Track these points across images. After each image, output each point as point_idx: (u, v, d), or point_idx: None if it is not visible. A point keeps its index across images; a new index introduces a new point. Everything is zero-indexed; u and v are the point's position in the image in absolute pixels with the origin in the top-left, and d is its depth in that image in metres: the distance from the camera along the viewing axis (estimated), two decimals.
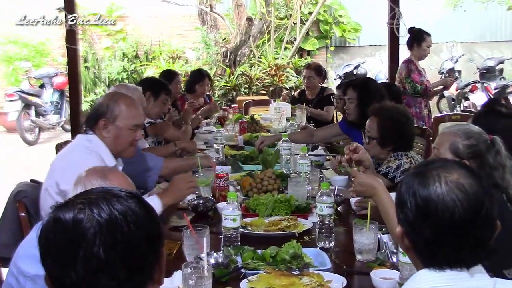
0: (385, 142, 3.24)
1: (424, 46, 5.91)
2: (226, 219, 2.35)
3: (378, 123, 3.27)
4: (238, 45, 10.69)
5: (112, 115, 2.75)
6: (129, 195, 1.23)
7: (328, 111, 6.18)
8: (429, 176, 1.40)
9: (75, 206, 1.19)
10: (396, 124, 3.20)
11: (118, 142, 2.78)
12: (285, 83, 10.73)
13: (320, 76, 6.30)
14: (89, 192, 1.25)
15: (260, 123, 5.42)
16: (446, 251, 1.36)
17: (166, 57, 11.50)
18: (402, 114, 3.26)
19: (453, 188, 1.37)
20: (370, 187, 2.30)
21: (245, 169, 3.83)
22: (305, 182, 3.12)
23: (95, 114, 2.78)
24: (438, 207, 1.36)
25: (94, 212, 1.17)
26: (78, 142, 2.79)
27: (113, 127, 2.76)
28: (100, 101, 2.83)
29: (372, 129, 3.30)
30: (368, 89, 3.97)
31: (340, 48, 12.69)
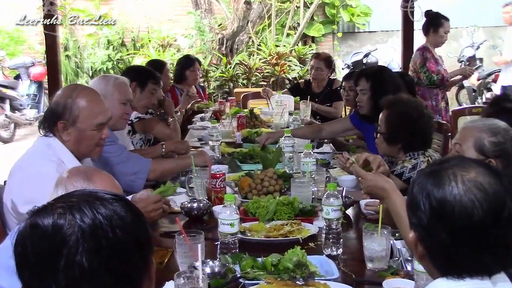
0: (392, 138, 3.25)
1: (441, 32, 5.91)
2: (223, 224, 2.36)
3: (387, 116, 3.28)
4: (236, 31, 10.69)
5: (71, 116, 2.67)
6: (114, 198, 1.23)
7: (337, 108, 6.17)
8: (444, 175, 1.40)
9: (55, 211, 1.19)
10: (405, 120, 3.20)
11: (81, 145, 2.71)
12: (287, 73, 10.74)
13: (329, 68, 6.31)
14: (70, 195, 1.25)
15: (260, 118, 5.43)
16: (465, 257, 1.36)
17: (155, 45, 11.50)
18: (415, 109, 3.26)
19: (471, 187, 1.36)
20: (380, 189, 2.31)
21: (244, 168, 3.84)
22: (310, 183, 3.12)
23: (51, 115, 2.70)
24: (455, 208, 1.36)
25: (76, 217, 1.17)
26: (36, 148, 2.73)
27: (74, 130, 2.68)
28: (57, 100, 2.72)
29: (381, 122, 3.31)
30: (382, 79, 3.99)
31: (348, 34, 12.70)
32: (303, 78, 9.75)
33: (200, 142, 4.89)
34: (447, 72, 5.98)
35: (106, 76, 3.55)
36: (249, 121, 5.25)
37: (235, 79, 10.58)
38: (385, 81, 3.97)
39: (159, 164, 3.48)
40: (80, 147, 2.71)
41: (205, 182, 3.17)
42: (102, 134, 2.77)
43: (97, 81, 3.48)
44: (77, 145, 2.70)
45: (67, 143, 2.69)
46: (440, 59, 6.02)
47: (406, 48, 6.28)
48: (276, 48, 11.22)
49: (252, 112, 5.48)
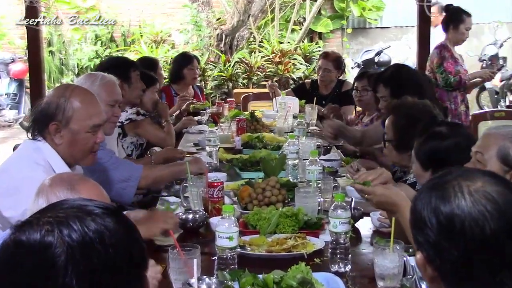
0: (402, 145, 3.27)
1: (462, 28, 5.93)
2: (220, 237, 2.37)
3: (393, 122, 3.30)
4: (235, 26, 10.72)
5: (64, 117, 2.69)
6: (106, 212, 1.23)
7: (346, 113, 6.18)
8: (449, 187, 1.40)
9: (42, 227, 1.18)
10: (413, 123, 3.21)
11: (75, 149, 2.74)
12: (292, 72, 10.75)
13: (338, 70, 6.31)
14: (58, 208, 1.24)
15: (261, 121, 5.44)
16: (481, 276, 1.35)
17: (148, 41, 11.52)
18: (423, 110, 3.28)
19: (479, 198, 1.36)
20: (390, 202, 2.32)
21: (244, 176, 3.85)
22: (316, 193, 3.14)
23: (42, 116, 2.71)
24: (465, 222, 1.35)
25: (64, 233, 1.17)
26: (23, 151, 2.75)
27: (67, 132, 2.71)
28: (48, 100, 2.74)
29: (389, 129, 3.34)
30: (400, 82, 4.03)
31: (358, 30, 12.72)
32: (309, 78, 9.77)
33: (196, 147, 4.90)
34: (466, 73, 5.98)
35: (91, 75, 3.53)
36: (250, 125, 5.27)
37: (234, 78, 10.59)
38: (404, 83, 4.01)
39: (151, 170, 3.50)
40: (73, 151, 2.73)
41: (201, 192, 3.18)
42: (97, 138, 2.79)
43: (82, 80, 3.46)
44: (69, 149, 2.72)
45: (59, 147, 2.71)
46: (460, 59, 6.03)
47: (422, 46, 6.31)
48: (280, 45, 11.24)
49: (253, 115, 5.49)
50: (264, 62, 10.89)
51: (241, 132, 5.07)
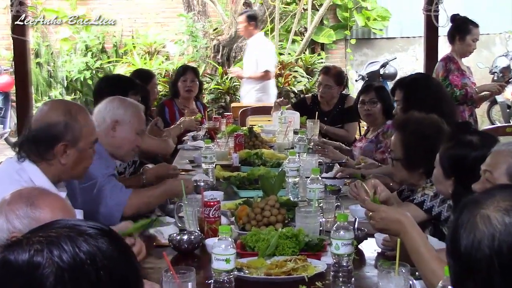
0: (411, 163, 3.29)
1: (468, 40, 5.97)
2: (217, 259, 2.38)
3: (401, 139, 3.32)
4: (233, 37, 10.76)
5: (73, 136, 2.77)
6: (99, 232, 1.24)
7: (349, 130, 6.19)
8: None
9: (31, 246, 1.19)
10: (422, 140, 3.24)
11: (78, 167, 2.82)
12: (293, 85, 10.78)
13: (340, 86, 6.32)
14: (50, 227, 1.25)
15: (260, 137, 5.46)
16: None
17: (141, 52, 11.56)
18: (431, 126, 3.30)
19: None
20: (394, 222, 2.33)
21: (242, 195, 3.86)
22: (318, 213, 3.15)
23: (48, 137, 2.75)
24: None
25: (54, 254, 1.17)
26: (4, 172, 2.77)
27: (74, 151, 2.78)
28: (50, 120, 2.78)
29: (396, 147, 3.36)
30: (416, 89, 4.10)
31: (363, 41, 12.77)
32: (310, 92, 9.79)
33: (191, 164, 4.91)
34: (474, 86, 6.00)
35: (124, 100, 3.70)
36: (248, 141, 5.28)
37: (232, 92, 10.62)
38: (420, 90, 4.06)
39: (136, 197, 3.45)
40: (75, 169, 2.81)
41: (197, 211, 3.19)
42: (93, 152, 2.91)
43: (114, 104, 3.61)
44: (72, 169, 2.79)
45: (62, 167, 2.77)
46: (468, 71, 6.07)
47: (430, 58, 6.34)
48: (280, 56, 11.27)
49: (252, 130, 5.51)
50: None
51: (239, 149, 5.09)
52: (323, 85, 6.28)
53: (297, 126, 5.85)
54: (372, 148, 4.94)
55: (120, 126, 3.58)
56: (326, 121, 6.18)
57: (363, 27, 12.53)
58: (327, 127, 6.09)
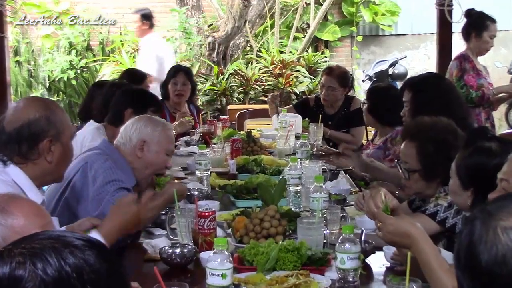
0: (432, 173, 3.29)
1: (485, 36, 5.98)
2: (212, 274, 2.38)
3: (417, 149, 3.32)
4: (230, 33, 10.77)
5: (57, 130, 2.83)
6: (87, 244, 1.25)
7: (355, 135, 6.19)
8: None
9: (13, 258, 1.20)
10: (442, 145, 3.24)
11: (64, 164, 2.90)
12: (294, 86, 10.79)
13: (344, 87, 6.32)
14: (33, 238, 1.26)
15: (259, 142, 5.46)
16: None
17: (129, 50, 11.56)
18: (447, 130, 3.31)
19: None
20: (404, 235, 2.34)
21: (239, 205, 3.87)
22: (321, 224, 3.15)
23: (30, 135, 2.80)
24: None
25: (38, 266, 1.18)
26: None
27: (59, 146, 2.84)
28: (32, 117, 2.82)
29: (410, 158, 3.35)
30: (425, 89, 4.11)
31: (370, 38, 12.80)
32: (313, 93, 9.80)
33: (184, 172, 4.92)
34: (491, 87, 6.01)
35: (151, 118, 3.76)
36: (246, 146, 5.29)
37: (228, 93, 10.63)
38: (429, 92, 4.07)
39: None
40: (60, 166, 2.88)
41: (190, 222, 3.20)
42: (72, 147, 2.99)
43: (141, 123, 3.67)
44: (58, 165, 2.85)
45: (47, 166, 2.82)
46: (484, 71, 6.07)
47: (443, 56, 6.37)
48: (281, 55, 11.29)
49: (250, 134, 5.52)
50: (262, 74, 10.93)
51: (236, 155, 5.09)
52: (326, 86, 6.27)
53: (299, 130, 5.86)
54: (380, 155, 4.94)
55: (147, 146, 3.63)
56: (331, 125, 6.19)
57: (370, 23, 12.55)
58: (331, 132, 6.10)
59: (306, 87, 10.80)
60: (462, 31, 6.10)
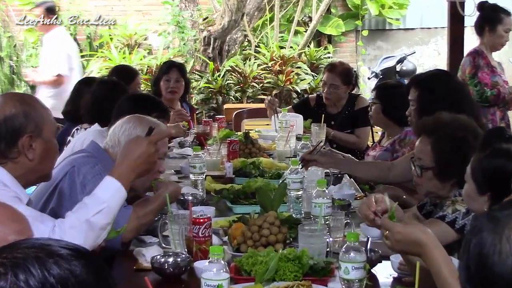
0: (447, 172, 3.29)
1: (500, 30, 5.99)
2: (207, 285, 2.38)
3: (433, 145, 3.33)
4: (226, 27, 10.77)
5: (36, 125, 2.83)
6: (73, 254, 1.24)
7: (360, 136, 6.18)
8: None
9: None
10: (461, 146, 3.24)
11: (45, 162, 2.89)
12: (295, 84, 10.80)
13: (348, 85, 6.31)
14: (15, 247, 1.26)
15: (258, 144, 5.47)
16: None
17: (119, 45, 11.56)
18: (467, 128, 3.31)
19: None
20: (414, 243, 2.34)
21: (236, 211, 3.87)
22: (324, 231, 3.16)
23: (8, 132, 2.81)
24: None
25: (20, 278, 1.18)
26: None
27: (40, 143, 2.84)
28: (8, 113, 2.83)
29: (425, 154, 3.35)
30: (432, 86, 4.10)
31: (376, 32, 12.80)
32: (315, 91, 9.81)
33: (177, 175, 4.92)
34: (506, 85, 6.01)
35: (142, 119, 3.65)
36: (244, 148, 5.29)
37: (225, 91, 10.63)
38: (436, 90, 4.07)
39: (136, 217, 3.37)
40: (43, 164, 2.87)
41: (184, 229, 3.20)
42: (57, 143, 3.00)
43: (130, 124, 3.58)
44: (41, 163, 2.85)
45: (29, 164, 2.83)
46: (499, 67, 6.08)
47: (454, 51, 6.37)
48: (281, 50, 11.29)
49: (248, 135, 5.52)
50: (261, 71, 10.93)
51: (233, 157, 5.09)
52: (328, 84, 6.27)
53: (300, 131, 5.86)
54: (387, 157, 4.94)
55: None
56: (334, 125, 6.19)
57: (377, 17, 12.55)
58: (334, 132, 6.10)
59: (307, 84, 10.82)
60: (475, 25, 6.11)
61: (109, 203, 2.89)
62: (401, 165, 4.35)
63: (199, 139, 5.80)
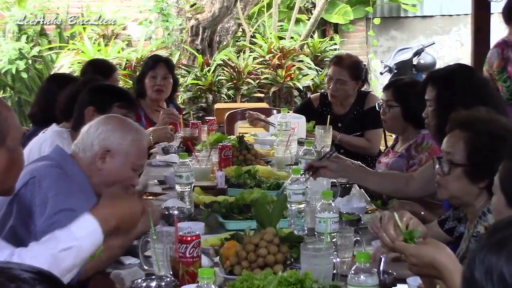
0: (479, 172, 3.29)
1: None
2: None
3: (467, 140, 3.33)
4: (217, 15, 10.79)
5: (1, 134, 2.80)
6: (37, 278, 1.26)
7: (371, 139, 6.16)
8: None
9: None
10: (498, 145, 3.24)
11: (10, 175, 2.86)
12: (297, 80, 10.81)
13: (357, 80, 6.31)
14: None
15: (254, 149, 5.46)
16: None
17: (93, 35, 11.56)
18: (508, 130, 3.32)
19: None
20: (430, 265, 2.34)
21: (229, 227, 3.87)
22: (330, 251, 3.16)
23: None
24: None
25: None
26: None
27: (4, 152, 2.80)
28: None
29: (456, 149, 3.35)
30: (453, 83, 4.10)
31: (390, 20, 12.83)
32: (320, 88, 9.81)
33: (161, 186, 4.92)
34: None
35: (125, 122, 3.67)
36: (238, 154, 5.29)
37: (216, 88, 10.64)
38: (456, 88, 4.07)
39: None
40: (8, 177, 2.85)
41: (169, 249, 3.20)
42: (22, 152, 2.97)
43: (109, 126, 3.57)
44: (5, 176, 2.83)
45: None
46: None
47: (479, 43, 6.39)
48: (280, 41, 11.31)
49: (242, 140, 5.51)
50: (257, 65, 10.94)
51: (226, 165, 5.09)
52: (335, 79, 6.26)
53: (302, 135, 5.86)
54: (402, 164, 4.93)
55: (111, 157, 3.53)
56: (341, 127, 6.19)
57: (390, 2, 12.59)
58: (341, 136, 6.10)
59: (311, 81, 10.82)
60: (503, 12, 6.13)
61: (82, 242, 2.83)
62: (421, 177, 4.34)
63: (186, 144, 5.80)
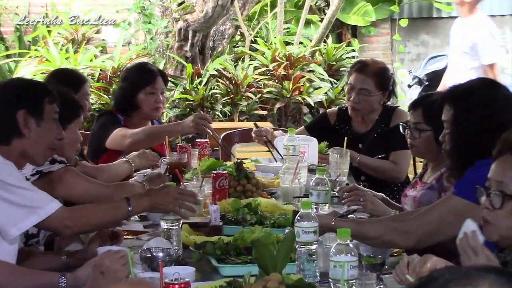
0: None
1: None
2: None
3: None
4: (210, 16, 10.82)
5: None
6: None
7: (398, 162, 6.12)
8: None
9: None
10: None
11: None
12: (307, 94, 10.83)
13: (383, 91, 6.31)
14: None
15: (255, 178, 5.47)
16: None
17: (60, 40, 11.60)
18: None
19: None
20: None
21: (225, 273, 3.88)
22: None
23: None
24: None
25: None
26: None
27: None
28: None
29: (509, 178, 3.37)
30: (472, 103, 4.11)
31: (419, 22, 12.87)
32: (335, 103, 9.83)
33: (143, 223, 4.93)
34: None
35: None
36: (236, 184, 5.30)
37: (209, 104, 10.66)
38: (476, 107, 4.09)
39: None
40: None
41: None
42: None
43: None
44: None
45: None
46: None
47: None
48: (286, 47, 11.33)
49: (241, 167, 5.53)
50: (259, 76, 10.95)
51: (221, 197, 5.10)
52: (357, 89, 6.25)
53: (313, 161, 5.88)
54: (433, 197, 4.90)
55: None
56: (361, 148, 6.19)
57: (420, 1, 12.62)
58: (361, 157, 6.07)
59: (324, 95, 10.82)
60: None
61: None
62: (432, 217, 4.29)
63: (173, 171, 5.80)
